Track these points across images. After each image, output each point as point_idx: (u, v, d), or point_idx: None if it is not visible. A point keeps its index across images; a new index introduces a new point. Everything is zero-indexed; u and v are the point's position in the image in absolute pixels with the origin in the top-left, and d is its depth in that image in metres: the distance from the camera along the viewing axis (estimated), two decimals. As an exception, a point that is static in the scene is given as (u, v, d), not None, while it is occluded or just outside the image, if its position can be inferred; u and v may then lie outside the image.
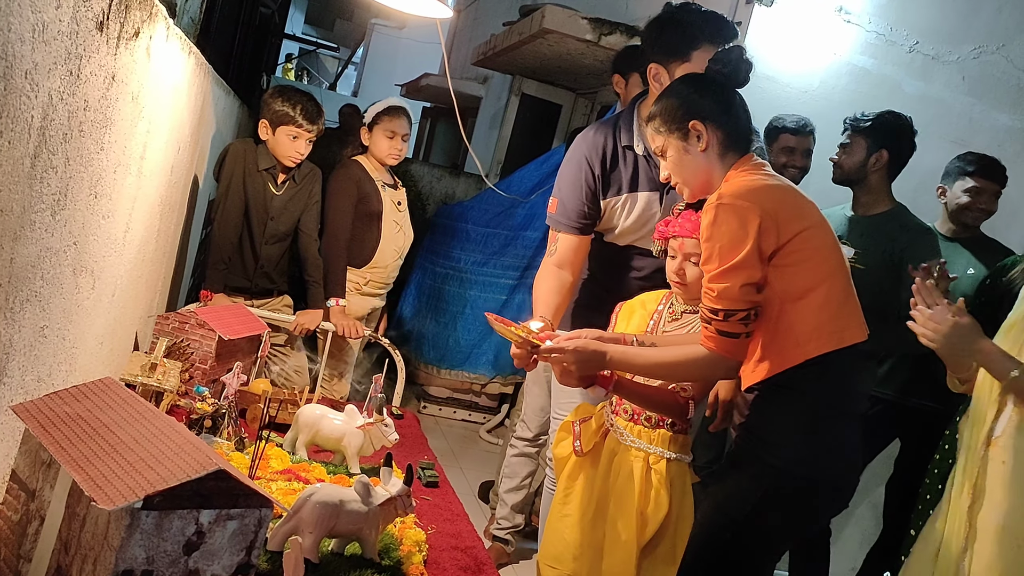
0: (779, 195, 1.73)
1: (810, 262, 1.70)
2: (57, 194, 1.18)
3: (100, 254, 1.56)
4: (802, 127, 3.15)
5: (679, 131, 1.83)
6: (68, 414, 1.08)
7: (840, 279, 1.73)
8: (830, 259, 1.73)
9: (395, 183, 3.37)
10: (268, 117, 2.87)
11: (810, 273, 1.70)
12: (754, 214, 1.66)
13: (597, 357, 1.84)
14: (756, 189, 1.72)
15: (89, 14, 1.14)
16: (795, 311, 1.69)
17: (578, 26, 4.33)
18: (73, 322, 1.46)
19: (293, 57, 15.06)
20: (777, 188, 1.75)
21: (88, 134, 1.28)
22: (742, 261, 1.67)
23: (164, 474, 0.95)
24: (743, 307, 1.70)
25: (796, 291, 1.69)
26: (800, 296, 1.69)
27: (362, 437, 2.02)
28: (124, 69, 1.42)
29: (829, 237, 1.75)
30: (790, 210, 1.71)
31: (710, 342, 1.76)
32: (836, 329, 1.69)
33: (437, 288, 4.96)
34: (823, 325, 1.68)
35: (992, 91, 3.61)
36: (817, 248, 1.71)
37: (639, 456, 2.04)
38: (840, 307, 1.71)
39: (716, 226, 1.69)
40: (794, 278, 1.69)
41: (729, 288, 1.69)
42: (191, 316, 2.29)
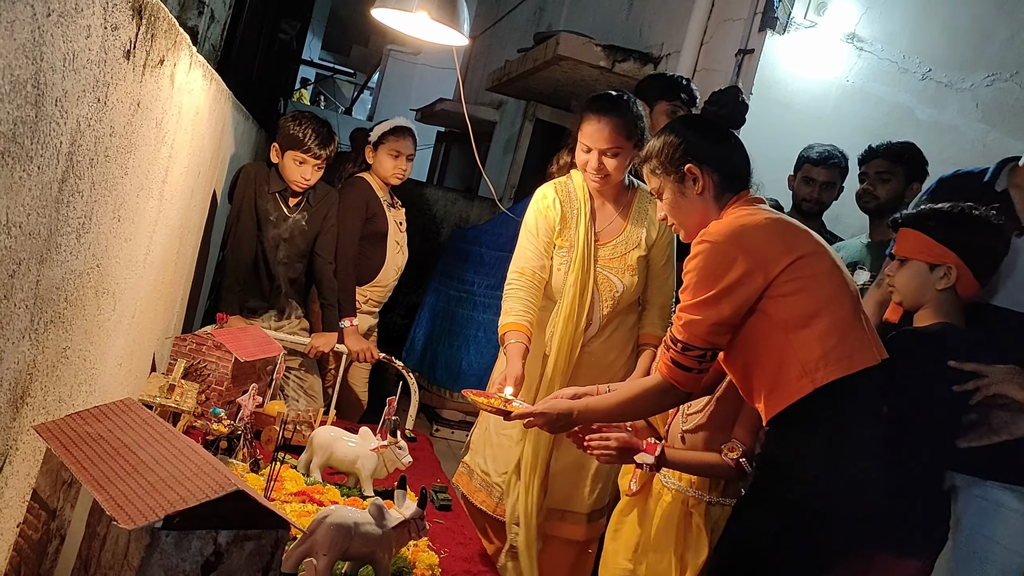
0: (765, 230, 1.72)
1: (808, 290, 1.68)
2: (82, 217, 1.20)
3: (121, 276, 1.59)
4: (824, 158, 3.10)
5: (675, 174, 1.83)
6: (89, 434, 1.10)
7: (845, 303, 1.70)
8: (829, 284, 1.70)
9: (395, 202, 3.39)
10: (279, 140, 2.91)
11: (809, 300, 1.68)
12: (735, 253, 1.67)
13: (564, 416, 1.90)
14: (741, 228, 1.72)
15: (117, 43, 1.17)
16: (799, 340, 1.67)
17: (592, 53, 4.38)
18: (94, 343, 1.48)
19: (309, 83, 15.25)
20: (764, 224, 1.73)
21: (113, 159, 1.31)
22: (712, 298, 1.68)
23: (184, 494, 0.96)
24: (702, 346, 1.72)
25: (797, 319, 1.67)
26: (802, 324, 1.67)
27: (376, 459, 2.03)
28: (149, 96, 1.45)
29: (826, 263, 1.73)
30: (777, 243, 1.70)
31: (664, 368, 1.79)
32: (844, 355, 1.66)
33: (450, 311, 4.98)
34: (830, 352, 1.65)
35: (1006, 118, 3.62)
36: (813, 275, 1.69)
37: (678, 498, 2.03)
38: (847, 332, 1.68)
39: (696, 261, 1.72)
40: (793, 307, 1.67)
41: (696, 322, 1.71)
42: (208, 338, 2.31)
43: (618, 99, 2.41)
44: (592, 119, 2.37)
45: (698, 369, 1.75)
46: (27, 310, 1.05)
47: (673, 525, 2.01)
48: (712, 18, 3.94)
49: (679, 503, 2.02)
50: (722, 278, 1.67)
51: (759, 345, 1.71)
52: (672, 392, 1.80)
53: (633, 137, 2.39)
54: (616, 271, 2.46)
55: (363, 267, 3.24)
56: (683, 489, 2.02)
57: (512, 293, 2.42)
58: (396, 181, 3.24)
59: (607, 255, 2.47)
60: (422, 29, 2.40)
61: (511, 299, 2.41)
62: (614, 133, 2.35)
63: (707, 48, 3.94)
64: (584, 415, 1.90)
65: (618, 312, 2.50)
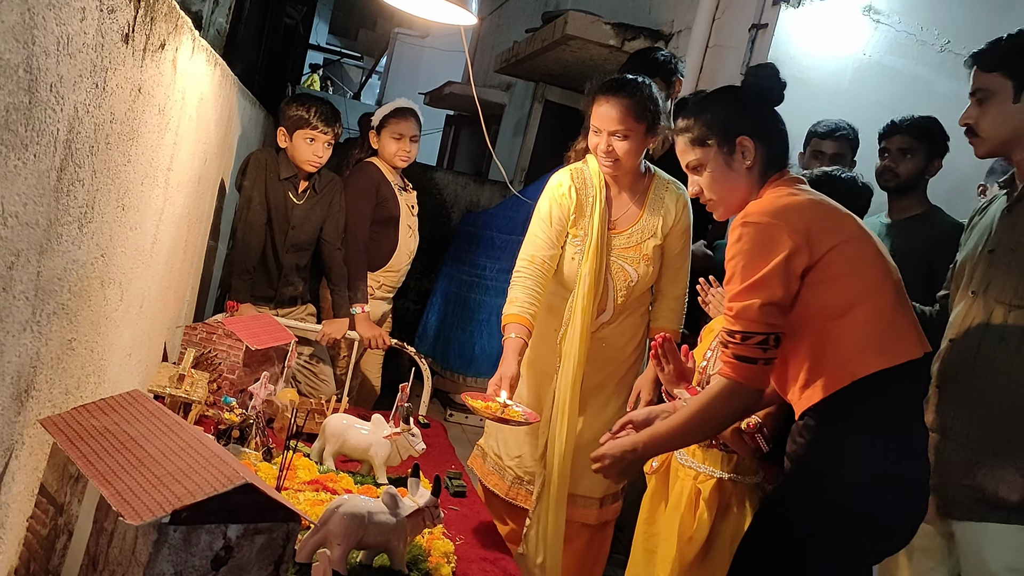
0: (810, 210, 1.64)
1: (848, 277, 1.60)
2: (84, 207, 1.18)
3: (128, 266, 1.56)
4: (831, 131, 3.07)
5: (726, 145, 1.73)
6: (95, 427, 1.08)
7: (887, 292, 1.61)
8: (872, 272, 1.62)
9: (406, 186, 3.34)
10: (285, 124, 2.88)
11: (849, 288, 1.60)
12: (781, 231, 1.58)
13: (629, 453, 1.75)
14: (785, 206, 1.63)
15: (114, 26, 1.14)
16: (837, 330, 1.58)
17: (601, 31, 4.31)
18: (101, 334, 1.46)
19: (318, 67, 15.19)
20: (809, 203, 1.65)
21: (115, 146, 1.28)
22: (763, 279, 1.57)
23: (191, 488, 0.94)
24: (761, 330, 1.59)
25: (836, 308, 1.59)
26: (841, 313, 1.58)
27: (389, 447, 2.01)
28: (150, 81, 1.42)
29: (869, 249, 1.64)
30: (822, 224, 1.62)
31: (727, 367, 1.65)
32: (885, 346, 1.57)
33: (462, 296, 4.96)
34: (870, 343, 1.57)
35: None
36: (855, 261, 1.61)
37: (688, 475, 2.01)
38: (889, 322, 1.59)
39: (740, 244, 1.62)
40: (832, 294, 1.59)
41: (748, 307, 1.59)
42: (218, 326, 2.29)
43: (630, 81, 2.36)
44: (601, 100, 2.32)
45: (764, 359, 1.60)
46: (28, 302, 1.02)
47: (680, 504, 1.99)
48: (724, -7, 3.87)
49: (690, 480, 2.00)
50: (771, 257, 1.57)
51: (795, 334, 1.62)
52: (740, 392, 1.63)
53: (644, 120, 2.33)
54: (631, 260, 2.43)
55: (375, 252, 3.22)
56: (695, 466, 2.00)
57: (519, 281, 2.39)
58: (401, 164, 3.20)
59: (622, 244, 2.43)
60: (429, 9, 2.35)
61: (517, 287, 2.39)
62: (623, 114, 2.30)
63: (719, 24, 3.86)
64: (651, 445, 1.75)
65: (631, 300, 2.47)
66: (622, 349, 2.49)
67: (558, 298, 2.46)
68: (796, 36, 3.40)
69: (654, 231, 2.44)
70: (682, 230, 2.47)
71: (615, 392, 2.49)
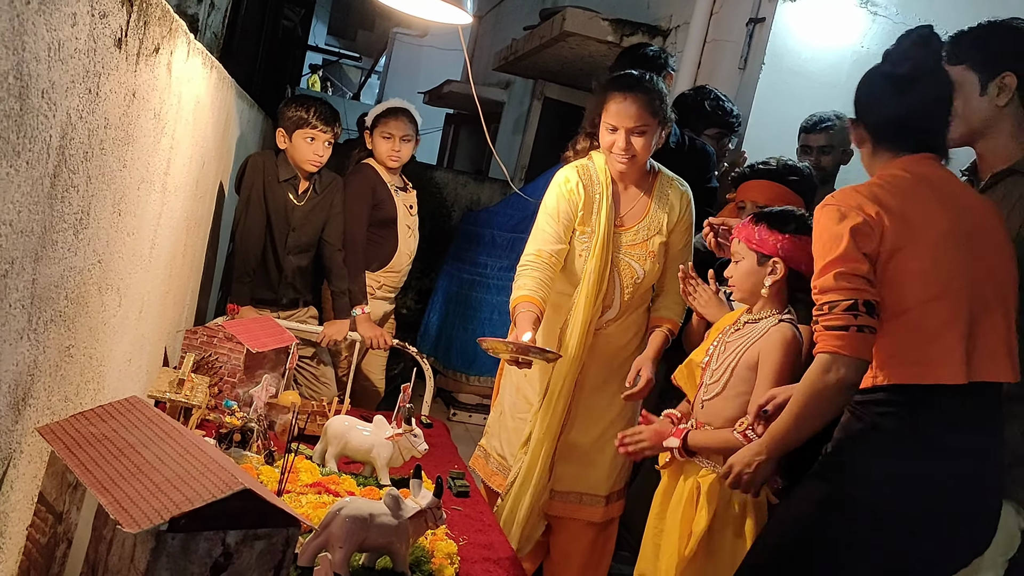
0: (892, 196, 1.58)
1: (909, 284, 1.55)
2: (79, 213, 1.17)
3: (126, 271, 1.56)
4: (814, 124, 3.06)
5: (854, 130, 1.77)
6: (93, 434, 1.07)
7: (944, 306, 1.55)
8: (937, 282, 1.55)
9: (405, 185, 3.33)
10: (284, 124, 2.87)
11: (905, 293, 1.55)
12: (853, 213, 1.55)
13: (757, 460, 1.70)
14: (865, 187, 1.61)
15: (107, 31, 1.13)
16: (883, 332, 1.56)
17: (599, 28, 4.30)
18: (100, 340, 1.46)
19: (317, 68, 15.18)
20: (898, 189, 1.59)
21: (110, 152, 1.28)
22: (839, 258, 1.55)
23: (189, 495, 0.94)
24: (843, 296, 1.53)
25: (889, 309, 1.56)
26: (892, 316, 1.55)
27: (391, 448, 2.00)
28: (145, 86, 1.42)
29: (942, 255, 1.56)
30: (900, 216, 1.56)
31: (819, 342, 1.59)
32: (918, 361, 1.54)
33: (464, 295, 4.95)
34: (903, 354, 1.54)
35: None
36: (921, 269, 1.56)
37: (693, 470, 2.01)
38: (932, 338, 1.54)
39: (815, 228, 1.63)
40: (889, 293, 1.56)
41: (825, 280, 1.56)
42: (219, 330, 2.29)
43: (643, 77, 2.35)
44: (618, 97, 2.30)
45: (855, 325, 1.53)
46: (24, 310, 1.02)
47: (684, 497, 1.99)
48: (721, -13, 3.85)
49: (692, 476, 2.01)
50: (839, 239, 1.55)
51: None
52: (836, 363, 1.54)
53: (659, 115, 2.33)
54: (638, 257, 2.42)
55: (375, 253, 3.21)
56: (699, 460, 2.01)
57: (525, 272, 2.38)
58: (393, 164, 3.18)
59: (629, 240, 2.42)
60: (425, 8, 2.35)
61: (524, 276, 2.37)
62: (641, 110, 2.28)
63: (717, 18, 3.85)
64: (775, 443, 1.68)
65: (637, 297, 2.46)
66: (626, 346, 2.48)
67: (564, 296, 2.45)
68: (794, 29, 3.39)
69: (660, 228, 2.43)
70: (685, 227, 2.46)
71: (620, 388, 2.49)
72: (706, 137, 3.08)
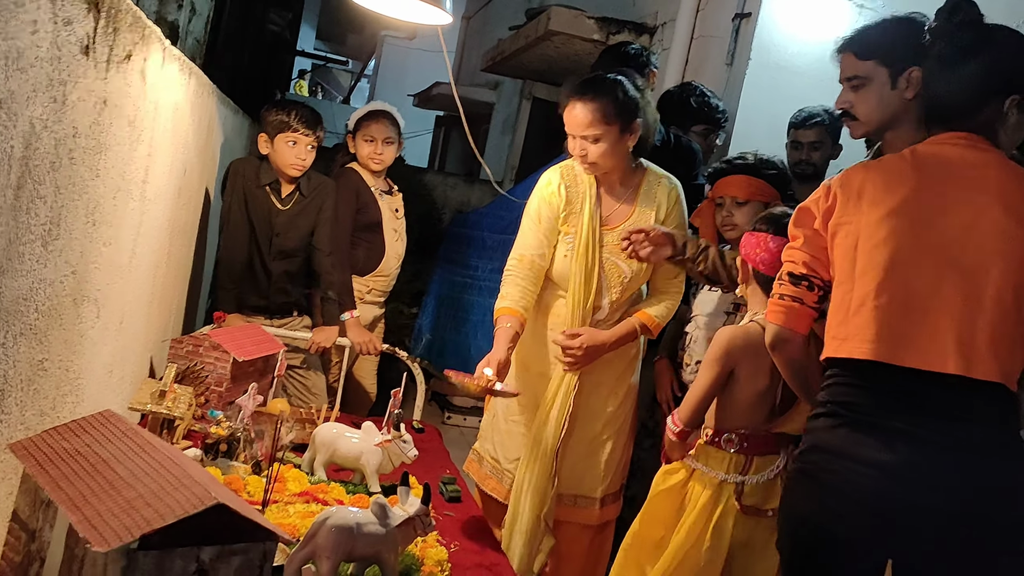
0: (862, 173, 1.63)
1: (841, 260, 1.60)
2: (48, 224, 1.15)
3: (103, 282, 1.54)
4: (804, 119, 3.04)
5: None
6: (66, 450, 1.05)
7: (868, 282, 1.53)
8: (867, 259, 1.54)
9: (391, 189, 3.31)
10: (266, 129, 2.85)
11: (839, 269, 1.60)
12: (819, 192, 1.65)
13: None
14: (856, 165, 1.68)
15: (72, 38, 1.11)
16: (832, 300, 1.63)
17: (584, 26, 4.28)
18: (77, 352, 1.44)
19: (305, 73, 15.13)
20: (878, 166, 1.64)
21: (80, 161, 1.26)
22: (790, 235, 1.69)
23: (162, 511, 0.92)
24: (784, 269, 1.68)
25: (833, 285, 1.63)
26: (833, 292, 1.62)
27: (380, 455, 1.98)
28: (117, 93, 1.40)
29: (883, 233, 1.54)
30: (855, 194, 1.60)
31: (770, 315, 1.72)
32: (836, 336, 1.57)
33: (456, 298, 4.93)
34: (831, 328, 1.59)
35: (1015, 70, 3.50)
36: (851, 245, 1.57)
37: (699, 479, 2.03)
38: (853, 313, 1.55)
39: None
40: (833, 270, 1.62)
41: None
42: (204, 339, 2.26)
43: (599, 81, 2.30)
44: (571, 104, 2.28)
45: (778, 294, 1.67)
46: (-10, 325, 1.00)
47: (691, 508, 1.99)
48: (707, -17, 3.84)
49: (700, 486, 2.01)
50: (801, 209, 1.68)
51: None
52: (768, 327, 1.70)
53: (617, 120, 2.26)
54: (624, 256, 2.40)
55: (362, 257, 3.19)
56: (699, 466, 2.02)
57: (509, 279, 2.37)
58: (375, 166, 3.16)
59: (614, 240, 2.40)
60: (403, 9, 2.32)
61: (507, 284, 2.36)
62: (592, 118, 2.24)
63: (703, 14, 3.83)
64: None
65: (626, 299, 2.44)
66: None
67: (552, 295, 2.43)
68: (780, 24, 3.37)
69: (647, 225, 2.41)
70: (675, 224, 2.42)
71: (613, 390, 2.47)
72: (693, 134, 3.06)
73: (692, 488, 2.02)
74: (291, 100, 2.97)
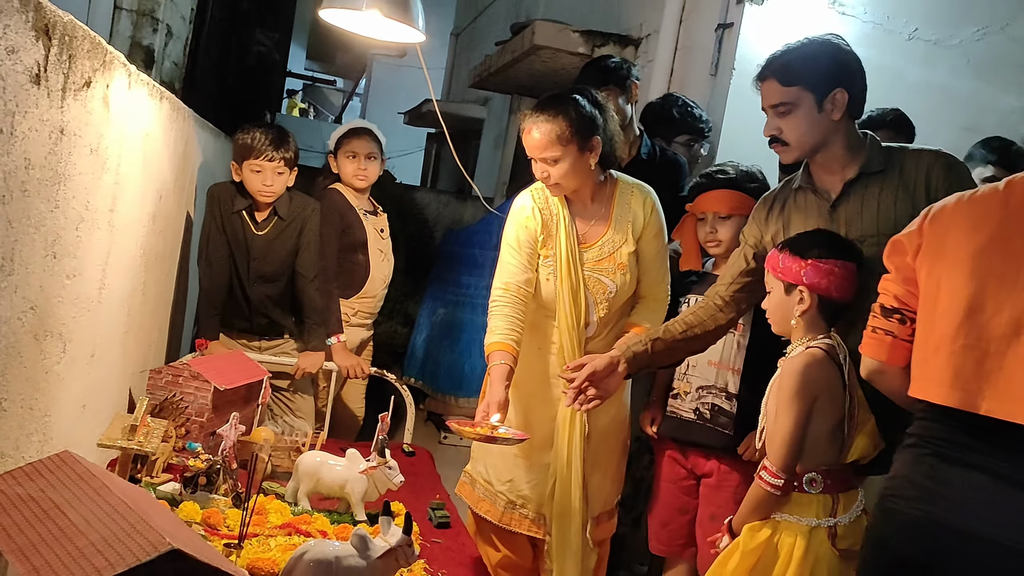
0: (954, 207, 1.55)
1: (924, 297, 1.55)
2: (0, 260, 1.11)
3: (68, 316, 1.50)
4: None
5: None
6: (19, 495, 1.01)
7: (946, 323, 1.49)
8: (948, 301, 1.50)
9: (375, 209, 3.27)
10: (235, 156, 2.81)
11: (921, 306, 1.56)
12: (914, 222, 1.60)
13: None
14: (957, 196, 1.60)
15: (18, 67, 1.07)
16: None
17: (569, 40, 4.26)
18: (41, 390, 1.39)
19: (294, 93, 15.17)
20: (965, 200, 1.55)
21: (35, 193, 1.22)
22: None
23: (112, 559, 0.87)
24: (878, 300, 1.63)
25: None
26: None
27: (365, 482, 1.94)
28: (75, 121, 1.36)
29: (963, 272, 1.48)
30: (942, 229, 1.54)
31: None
32: (919, 376, 1.54)
33: (448, 316, 4.88)
34: (914, 364, 1.55)
35: (999, 73, 3.47)
36: (935, 284, 1.53)
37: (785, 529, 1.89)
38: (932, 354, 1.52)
39: None
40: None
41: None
42: (184, 368, 2.22)
43: (550, 103, 2.27)
44: (526, 128, 2.26)
45: (871, 326, 1.63)
46: (-67, 368, 0.95)
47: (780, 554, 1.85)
48: (688, -6, 3.82)
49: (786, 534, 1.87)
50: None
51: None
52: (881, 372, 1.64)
53: (573, 140, 2.22)
54: (607, 272, 2.36)
55: (347, 279, 3.15)
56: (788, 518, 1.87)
57: (497, 310, 2.34)
58: (359, 183, 3.12)
59: (594, 257, 2.37)
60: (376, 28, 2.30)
61: (496, 316, 2.33)
62: (547, 140, 2.21)
63: (686, 25, 3.81)
64: None
65: (614, 312, 2.40)
66: None
67: (539, 315, 2.40)
68: (763, 33, 3.35)
69: (625, 238, 2.38)
70: (654, 232, 2.39)
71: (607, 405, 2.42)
72: (677, 145, 3.04)
73: (781, 541, 1.83)
74: (259, 123, 2.91)
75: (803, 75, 1.88)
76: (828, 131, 1.89)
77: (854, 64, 1.93)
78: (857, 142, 1.95)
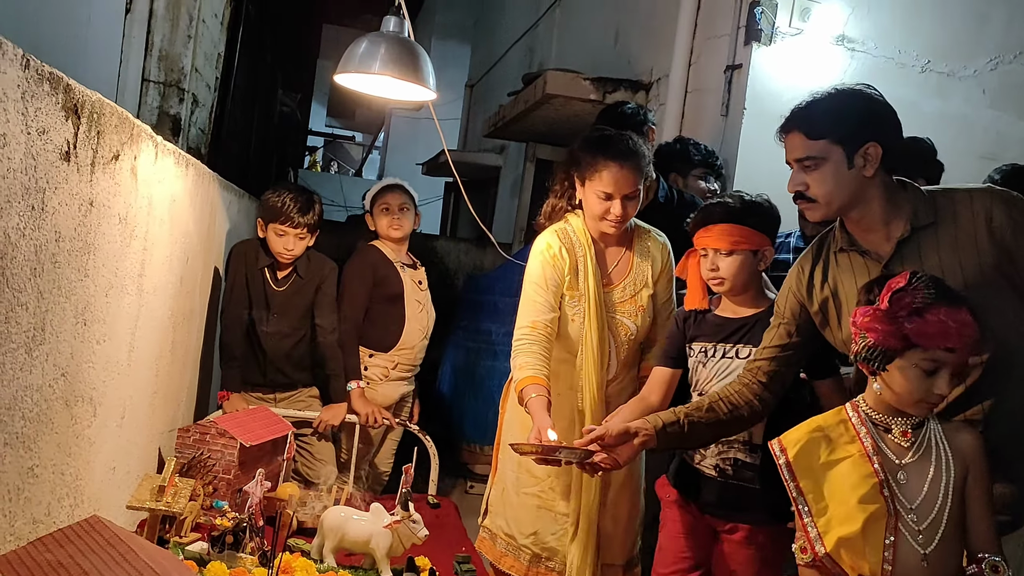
0: None
1: None
2: (31, 330, 1.15)
3: (99, 380, 1.53)
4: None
5: None
6: (49, 562, 1.03)
7: None
8: None
9: (414, 263, 3.37)
10: (261, 215, 2.92)
11: None
12: None
13: None
14: None
15: (49, 146, 1.12)
16: None
17: (581, 87, 4.33)
18: (72, 455, 1.42)
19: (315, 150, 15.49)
20: None
21: (65, 264, 1.26)
22: None
23: (141, 625, 0.88)
24: None
25: None
26: None
27: (390, 537, 1.94)
28: (104, 193, 1.41)
29: None
30: None
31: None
32: None
33: (472, 364, 4.88)
34: None
35: (1015, 101, 3.48)
36: None
37: None
38: None
39: None
40: None
41: None
42: (211, 426, 2.25)
43: (629, 141, 2.36)
44: (613, 166, 2.28)
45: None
46: (-32, 439, 0.98)
47: None
48: (697, 37, 3.87)
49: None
50: None
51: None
52: None
53: (646, 177, 2.39)
54: (629, 314, 2.38)
55: (383, 332, 3.21)
56: None
57: (524, 348, 2.30)
58: (396, 234, 3.23)
59: (618, 298, 2.39)
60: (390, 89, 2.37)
61: (523, 354, 2.29)
62: (634, 176, 2.30)
63: (695, 68, 3.87)
64: None
65: (632, 354, 2.41)
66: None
67: (561, 363, 2.39)
68: (772, 73, 3.39)
69: (645, 280, 2.41)
70: (668, 278, 2.44)
71: None
72: (692, 178, 3.09)
73: None
74: (289, 185, 3.02)
75: (831, 127, 1.73)
76: (860, 188, 1.73)
77: (887, 115, 1.76)
78: (896, 194, 1.78)
